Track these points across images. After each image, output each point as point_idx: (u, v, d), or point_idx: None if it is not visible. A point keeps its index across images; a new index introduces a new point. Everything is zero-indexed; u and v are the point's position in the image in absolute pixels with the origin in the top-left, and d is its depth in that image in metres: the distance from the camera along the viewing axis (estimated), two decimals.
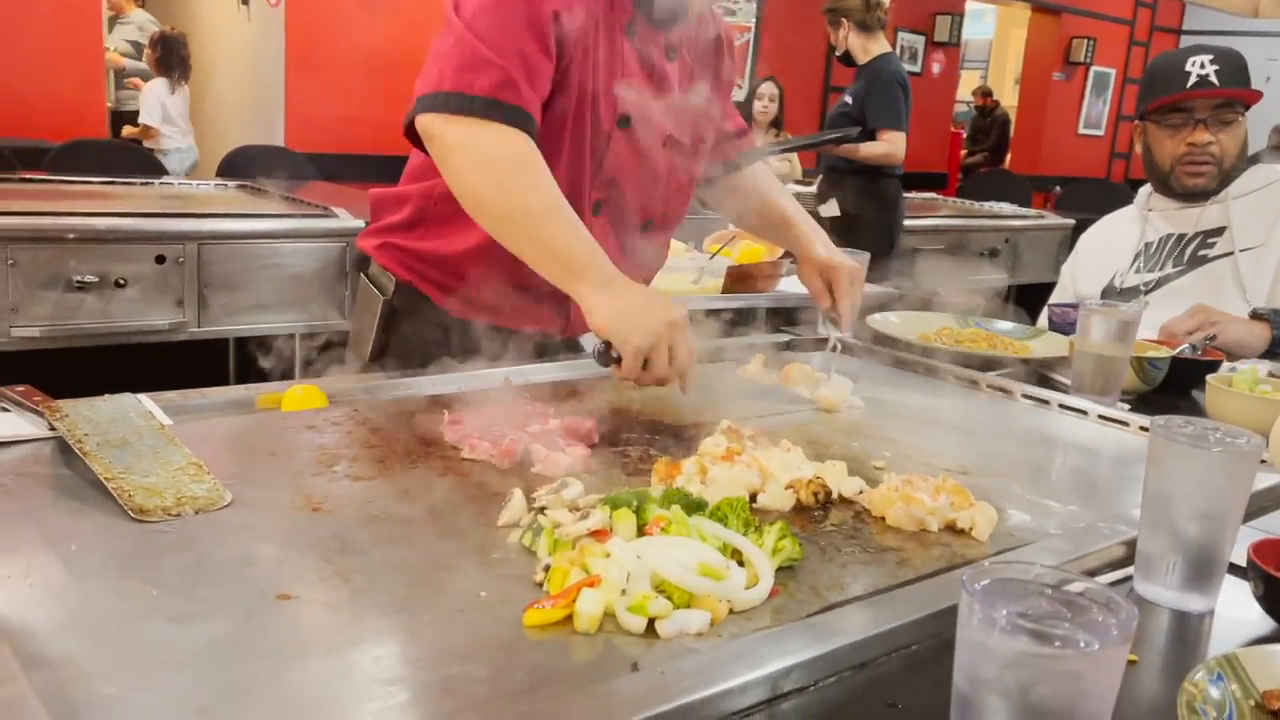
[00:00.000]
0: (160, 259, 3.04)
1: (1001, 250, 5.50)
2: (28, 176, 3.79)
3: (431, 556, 0.97)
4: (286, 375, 1.90)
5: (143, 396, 1.29)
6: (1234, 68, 2.19)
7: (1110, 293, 2.36)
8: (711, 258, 2.30)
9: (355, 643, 0.81)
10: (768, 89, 6.33)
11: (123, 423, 1.13)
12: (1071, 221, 5.69)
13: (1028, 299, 2.85)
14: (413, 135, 1.43)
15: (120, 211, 3.06)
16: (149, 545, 0.94)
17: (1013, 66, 13.95)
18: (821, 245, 1.73)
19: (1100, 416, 1.63)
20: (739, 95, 6.78)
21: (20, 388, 1.25)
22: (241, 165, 4.78)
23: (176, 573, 0.89)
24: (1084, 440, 1.57)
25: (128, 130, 6.44)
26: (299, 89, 6.06)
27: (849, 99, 4.86)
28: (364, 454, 1.21)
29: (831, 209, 4.83)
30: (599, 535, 0.96)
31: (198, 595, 0.86)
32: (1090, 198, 6.78)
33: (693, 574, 0.89)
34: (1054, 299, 2.43)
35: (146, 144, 6.10)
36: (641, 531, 0.98)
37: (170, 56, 6.28)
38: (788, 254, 2.64)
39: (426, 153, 1.43)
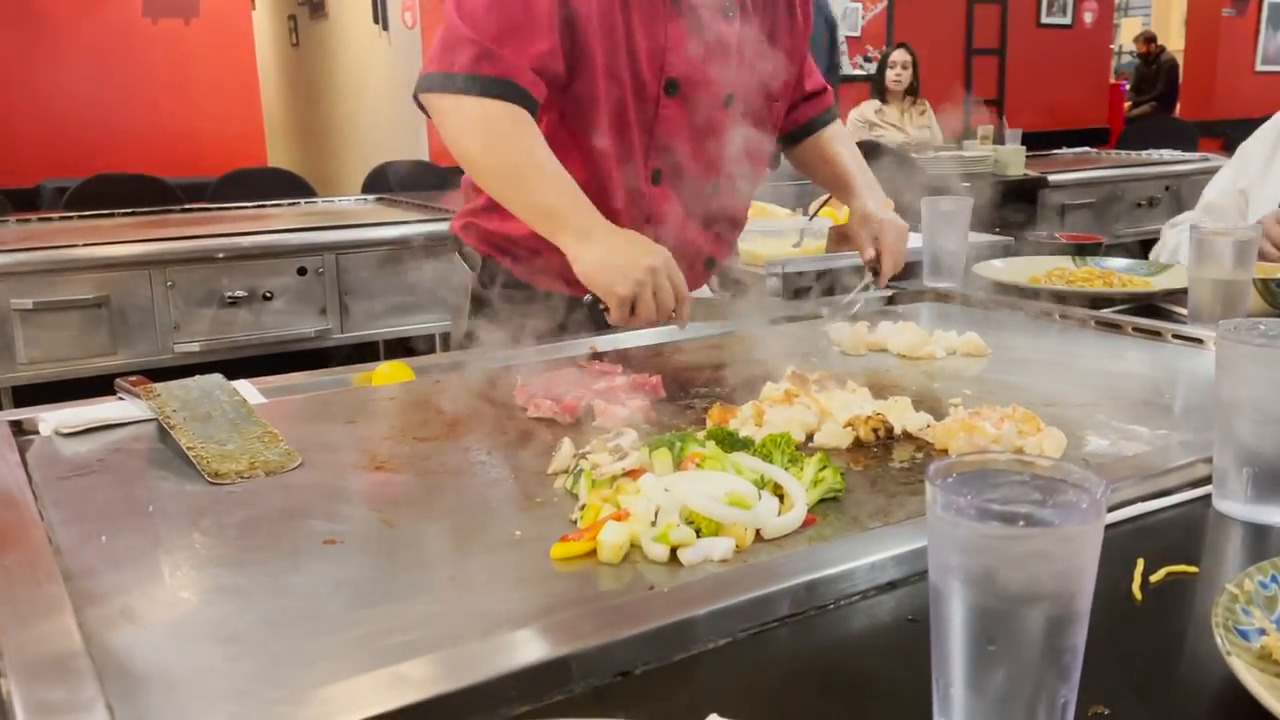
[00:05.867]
0: (302, 270, 3.21)
1: (1162, 198, 5.18)
2: (189, 207, 4.07)
3: (477, 503, 1.01)
4: None
5: (243, 382, 1.37)
6: None
7: None
8: (811, 219, 2.27)
9: (385, 578, 0.85)
10: (900, 56, 6.15)
11: (208, 400, 1.21)
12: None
13: None
14: (421, 107, 1.51)
15: (262, 229, 3.25)
16: (217, 504, 1.01)
17: (1178, 8, 13.11)
18: (874, 201, 1.72)
19: None
20: (871, 68, 6.62)
21: (133, 377, 1.36)
22: (385, 180, 4.99)
23: (236, 526, 0.95)
24: (1199, 370, 1.47)
25: None
26: None
27: None
28: (435, 419, 1.26)
29: None
30: (635, 474, 0.97)
31: (251, 544, 0.92)
32: None
33: (719, 503, 0.89)
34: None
35: None
36: (678, 469, 0.98)
37: None
38: None
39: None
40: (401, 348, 3.53)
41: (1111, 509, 0.92)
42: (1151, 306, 1.82)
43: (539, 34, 1.43)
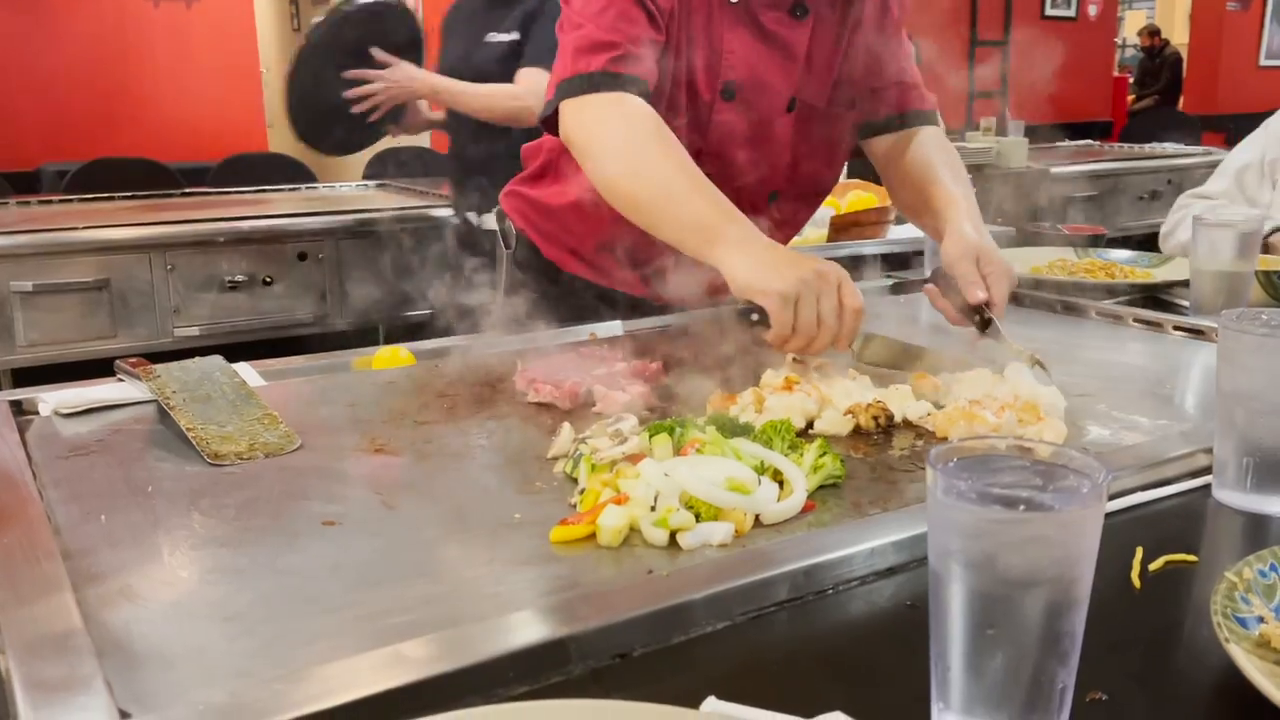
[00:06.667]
0: (302, 256, 3.21)
1: (1164, 191, 5.17)
2: (189, 191, 4.07)
3: (477, 486, 1.01)
4: None
5: (243, 364, 1.37)
6: None
7: None
8: None
9: (383, 559, 0.85)
10: None
11: (208, 381, 1.21)
12: None
13: None
14: (548, 125, 1.46)
15: (262, 214, 3.24)
16: (217, 484, 1.00)
17: (1182, 2, 13.08)
18: (973, 224, 1.46)
19: None
20: None
21: (133, 359, 1.36)
22: (386, 167, 4.98)
23: (235, 506, 0.95)
24: (1200, 361, 1.47)
25: None
26: None
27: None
28: (435, 403, 1.26)
29: None
30: (635, 459, 0.97)
31: (250, 524, 0.92)
32: None
33: (718, 488, 0.89)
34: None
35: None
36: (678, 454, 0.98)
37: None
38: None
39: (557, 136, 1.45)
40: (401, 334, 3.53)
41: (1111, 498, 0.92)
42: (1153, 298, 1.82)
43: (653, 32, 1.40)
